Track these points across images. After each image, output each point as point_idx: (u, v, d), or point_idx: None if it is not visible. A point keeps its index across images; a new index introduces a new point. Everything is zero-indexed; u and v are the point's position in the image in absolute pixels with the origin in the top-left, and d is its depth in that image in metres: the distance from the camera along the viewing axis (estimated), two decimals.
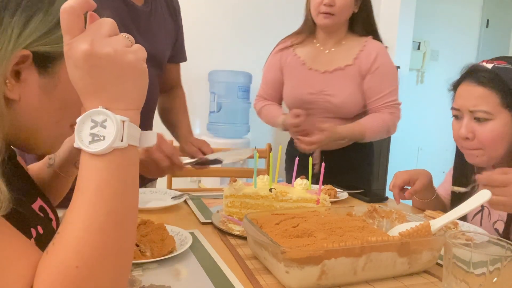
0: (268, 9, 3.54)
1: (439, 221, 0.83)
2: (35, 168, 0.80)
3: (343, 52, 1.56)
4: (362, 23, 1.56)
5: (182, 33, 1.45)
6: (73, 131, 0.63)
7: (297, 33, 1.64)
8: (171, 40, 1.39)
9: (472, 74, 1.06)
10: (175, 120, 1.46)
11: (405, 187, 1.22)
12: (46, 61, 0.53)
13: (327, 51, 1.58)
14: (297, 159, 1.06)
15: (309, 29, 1.59)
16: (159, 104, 1.52)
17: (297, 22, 1.66)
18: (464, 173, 1.19)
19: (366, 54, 1.53)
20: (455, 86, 1.11)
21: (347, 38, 1.57)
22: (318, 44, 1.59)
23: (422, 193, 1.21)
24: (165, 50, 1.37)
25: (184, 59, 1.50)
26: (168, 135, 1.50)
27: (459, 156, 1.20)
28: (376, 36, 1.58)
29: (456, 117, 1.11)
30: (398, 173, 1.21)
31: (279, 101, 1.75)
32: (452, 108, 1.11)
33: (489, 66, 1.04)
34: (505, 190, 0.87)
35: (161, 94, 1.52)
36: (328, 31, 1.55)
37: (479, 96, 1.03)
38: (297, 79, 1.60)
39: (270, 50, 1.73)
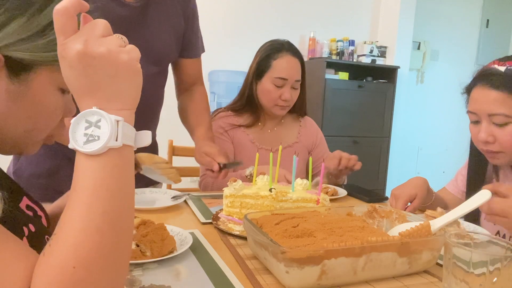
0: (268, 10, 3.54)
1: (439, 221, 0.83)
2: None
3: (284, 131, 1.68)
4: (300, 104, 1.67)
5: (193, 25, 1.37)
6: (51, 141, 0.62)
7: (238, 111, 1.62)
8: (176, 33, 1.32)
9: (485, 77, 1.04)
10: (191, 123, 1.42)
11: None
12: (19, 67, 0.52)
13: (269, 131, 1.65)
14: (296, 159, 1.06)
15: (255, 113, 1.61)
16: (178, 104, 1.48)
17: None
18: (479, 171, 1.20)
19: (306, 131, 1.72)
20: (468, 89, 1.10)
21: (285, 117, 1.70)
22: (260, 123, 1.64)
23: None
24: (166, 45, 1.30)
25: (197, 54, 1.43)
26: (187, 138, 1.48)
27: (473, 155, 1.20)
28: (305, 112, 1.74)
29: (473, 121, 1.10)
30: (396, 192, 1.18)
31: None
32: (469, 112, 1.09)
33: (502, 68, 1.02)
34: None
35: (181, 94, 1.47)
36: (274, 116, 1.64)
37: (495, 100, 1.02)
38: (248, 158, 1.55)
39: None
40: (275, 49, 1.55)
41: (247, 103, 1.61)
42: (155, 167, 1.18)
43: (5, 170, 0.64)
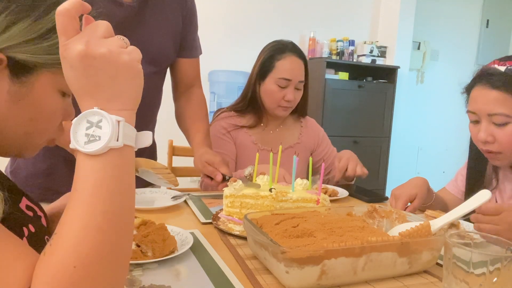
0: (268, 10, 3.54)
1: (439, 221, 0.83)
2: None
3: (286, 132, 1.68)
4: (301, 105, 1.67)
5: (191, 25, 1.36)
6: (53, 143, 0.63)
7: (241, 111, 1.63)
8: (174, 33, 1.31)
9: (485, 77, 1.04)
10: (188, 129, 1.40)
11: None
12: (21, 69, 0.52)
13: (271, 132, 1.66)
14: (297, 159, 1.06)
15: (257, 114, 1.62)
16: (175, 109, 1.46)
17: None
18: (478, 171, 1.20)
19: (308, 131, 1.72)
20: (468, 89, 1.10)
21: (287, 118, 1.69)
22: (262, 124, 1.64)
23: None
24: (164, 45, 1.29)
25: (196, 54, 1.42)
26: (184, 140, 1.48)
27: (473, 155, 1.20)
28: (306, 112, 1.74)
29: (473, 121, 1.09)
30: (396, 192, 1.18)
31: None
32: (468, 112, 1.09)
33: (502, 68, 1.02)
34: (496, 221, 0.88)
35: (178, 97, 1.44)
36: (277, 117, 1.64)
37: (495, 100, 1.01)
38: (250, 159, 1.56)
39: None
40: (279, 49, 1.55)
41: (250, 104, 1.61)
42: (154, 171, 1.18)
43: (3, 170, 0.64)
